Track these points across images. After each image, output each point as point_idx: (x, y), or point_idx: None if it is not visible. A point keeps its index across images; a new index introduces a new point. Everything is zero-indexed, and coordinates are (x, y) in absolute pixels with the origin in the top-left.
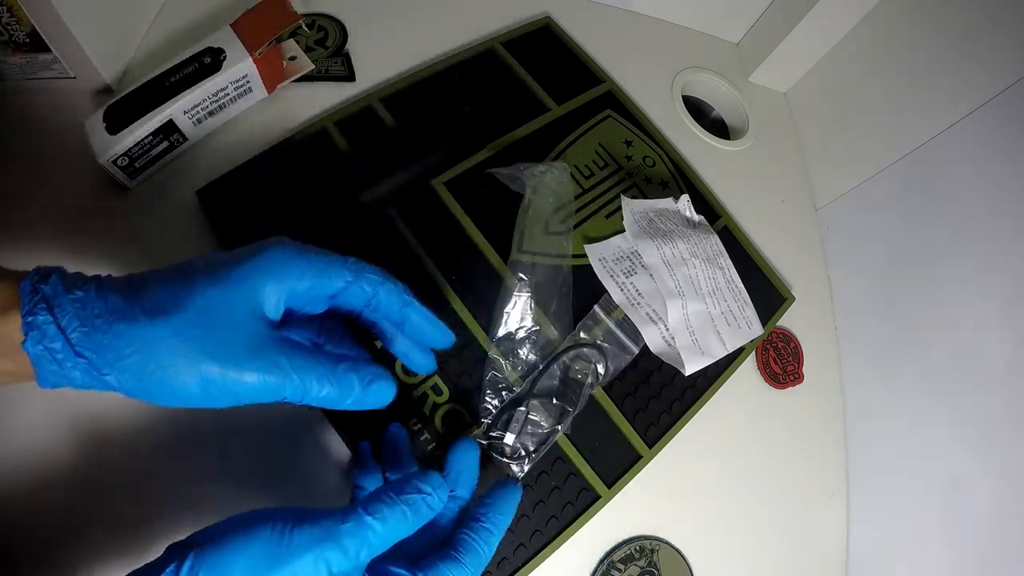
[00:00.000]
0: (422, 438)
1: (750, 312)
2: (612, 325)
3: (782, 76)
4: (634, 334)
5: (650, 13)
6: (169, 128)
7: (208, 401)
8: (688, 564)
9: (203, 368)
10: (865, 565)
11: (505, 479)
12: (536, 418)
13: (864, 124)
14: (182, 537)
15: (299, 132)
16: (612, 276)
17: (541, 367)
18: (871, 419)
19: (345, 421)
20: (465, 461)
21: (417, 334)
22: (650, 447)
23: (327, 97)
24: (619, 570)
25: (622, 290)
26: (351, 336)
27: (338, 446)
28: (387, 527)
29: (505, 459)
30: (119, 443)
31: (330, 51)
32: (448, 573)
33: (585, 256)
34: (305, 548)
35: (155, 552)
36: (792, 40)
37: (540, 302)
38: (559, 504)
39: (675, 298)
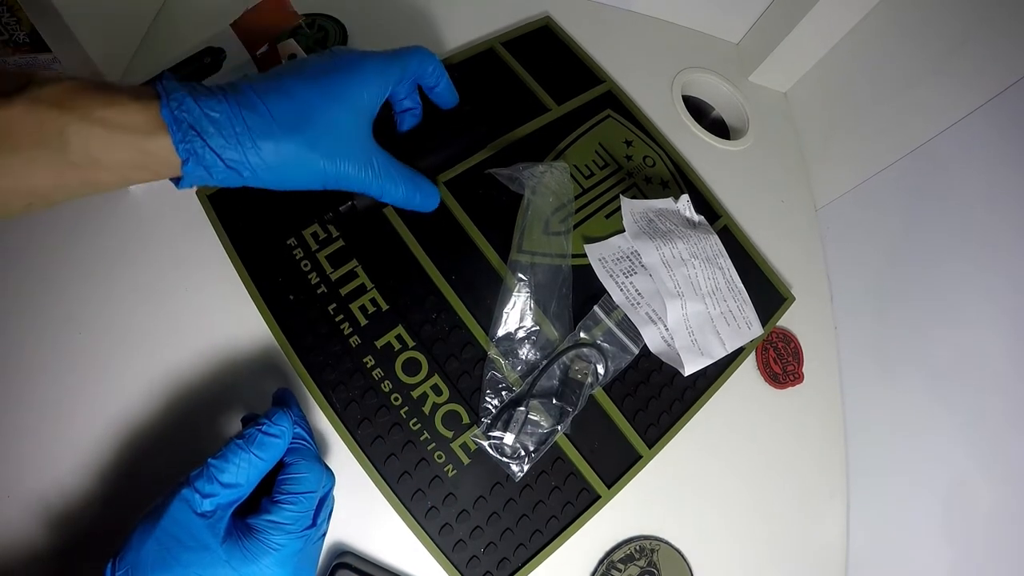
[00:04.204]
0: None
1: (750, 312)
2: (612, 325)
3: (782, 76)
4: (634, 334)
5: (650, 13)
6: None
7: (319, 186)
8: (688, 564)
9: (324, 166)
10: (864, 565)
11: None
12: (536, 418)
13: (864, 124)
14: None
15: None
16: (612, 276)
17: (541, 367)
18: (871, 419)
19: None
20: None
21: (442, 97)
22: (650, 447)
23: None
24: (619, 570)
25: (622, 290)
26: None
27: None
28: (229, 462)
29: (505, 459)
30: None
31: None
32: (276, 505)
33: (585, 256)
34: (170, 497)
35: None
36: (792, 40)
37: (540, 302)
38: (559, 504)
39: (674, 298)
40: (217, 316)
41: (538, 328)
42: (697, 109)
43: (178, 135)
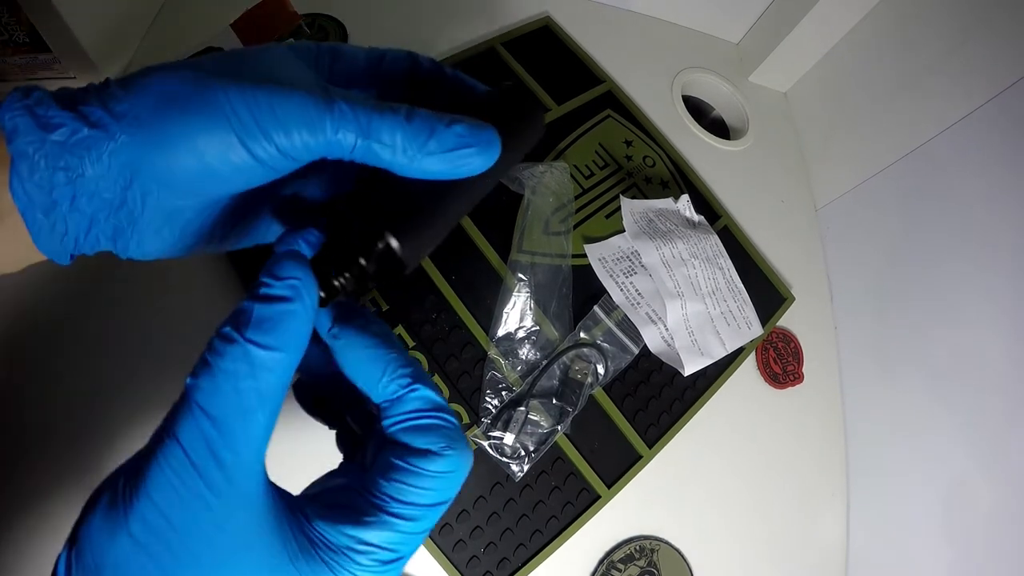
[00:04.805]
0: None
1: (750, 312)
2: (612, 325)
3: (782, 76)
4: (634, 334)
5: (650, 13)
6: None
7: (239, 141)
8: (688, 564)
9: (229, 91)
10: (864, 565)
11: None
12: (536, 418)
13: (864, 124)
14: None
15: None
16: (612, 276)
17: (541, 367)
18: (871, 419)
19: None
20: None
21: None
22: (650, 447)
23: None
24: (619, 570)
25: (622, 290)
26: None
27: None
28: (217, 375)
29: (505, 459)
30: None
31: None
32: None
33: (585, 256)
34: (143, 465)
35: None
36: (792, 40)
37: (540, 302)
38: (559, 504)
39: (674, 298)
40: (216, 315)
41: (538, 328)
42: (697, 109)
43: (14, 96)
